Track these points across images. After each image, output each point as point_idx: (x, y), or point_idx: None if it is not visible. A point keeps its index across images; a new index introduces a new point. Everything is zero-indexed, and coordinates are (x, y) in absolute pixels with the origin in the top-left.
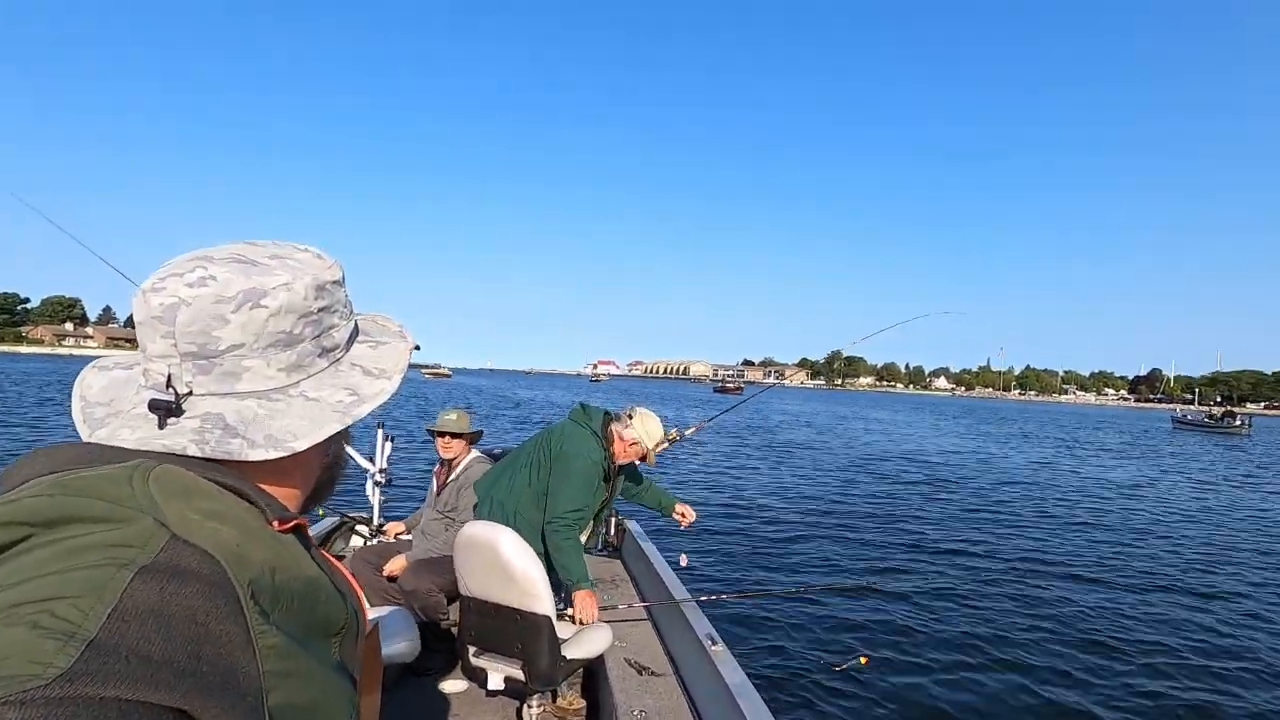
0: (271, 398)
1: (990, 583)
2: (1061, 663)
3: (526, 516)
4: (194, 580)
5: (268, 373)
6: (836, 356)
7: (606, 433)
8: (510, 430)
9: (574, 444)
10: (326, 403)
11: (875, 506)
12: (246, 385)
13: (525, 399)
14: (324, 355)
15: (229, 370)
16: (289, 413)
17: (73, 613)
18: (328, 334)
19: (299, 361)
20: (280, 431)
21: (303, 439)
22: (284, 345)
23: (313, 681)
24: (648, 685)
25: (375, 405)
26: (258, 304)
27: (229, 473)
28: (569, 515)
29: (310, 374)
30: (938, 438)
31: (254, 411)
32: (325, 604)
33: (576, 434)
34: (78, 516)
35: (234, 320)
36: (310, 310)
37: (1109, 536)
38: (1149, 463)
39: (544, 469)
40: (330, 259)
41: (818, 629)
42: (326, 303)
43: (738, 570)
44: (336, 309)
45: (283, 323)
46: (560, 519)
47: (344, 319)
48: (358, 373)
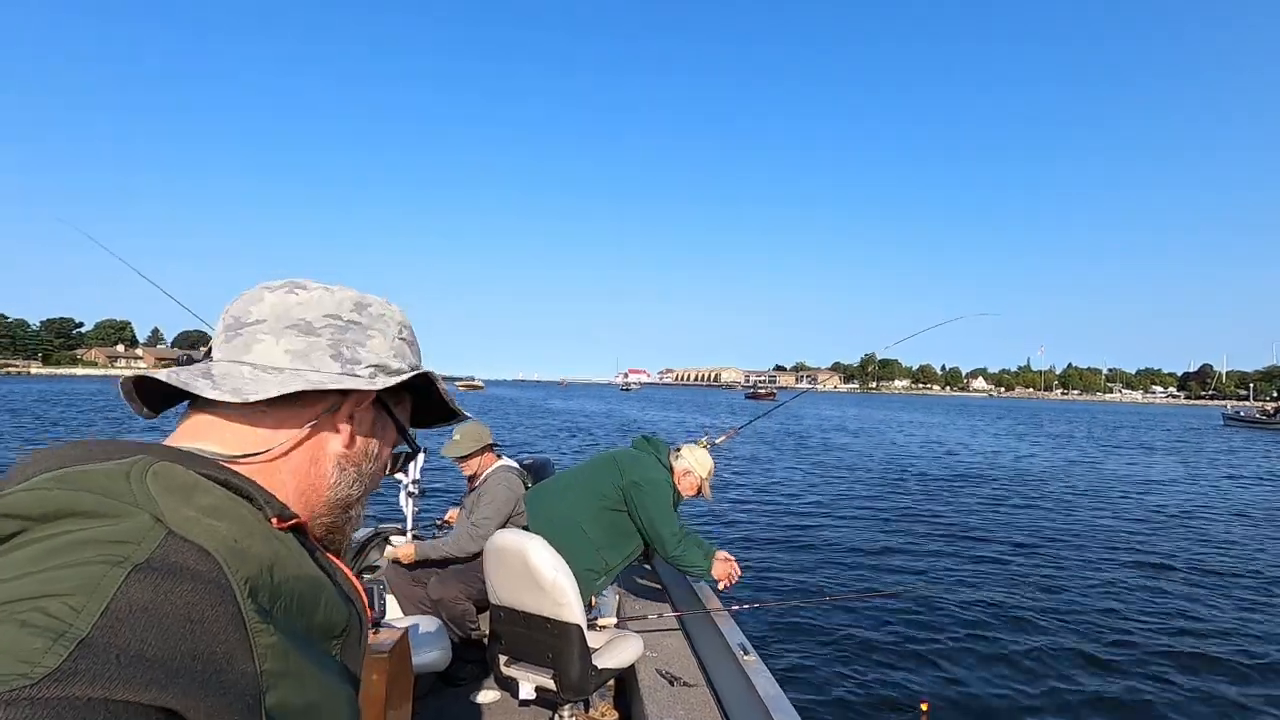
0: (266, 370)
1: (1028, 585)
2: (1129, 666)
3: (589, 534)
4: (190, 578)
5: (274, 352)
6: (870, 360)
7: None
8: (542, 439)
9: (644, 470)
10: (305, 377)
11: (911, 511)
12: (254, 356)
13: (558, 409)
14: (338, 360)
15: (246, 341)
16: (271, 380)
17: (64, 611)
18: (351, 345)
19: (307, 352)
20: (247, 388)
21: (262, 392)
22: (300, 332)
23: (311, 683)
24: (679, 696)
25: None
26: (293, 290)
27: (229, 470)
28: (674, 537)
29: (316, 368)
30: (973, 439)
31: (241, 373)
32: (326, 606)
33: (644, 460)
34: (73, 511)
35: (268, 299)
36: (339, 314)
37: (1149, 534)
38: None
39: (610, 495)
40: (398, 308)
41: (853, 638)
42: (362, 320)
43: (771, 578)
44: (375, 335)
45: (307, 312)
46: (667, 543)
47: (383, 350)
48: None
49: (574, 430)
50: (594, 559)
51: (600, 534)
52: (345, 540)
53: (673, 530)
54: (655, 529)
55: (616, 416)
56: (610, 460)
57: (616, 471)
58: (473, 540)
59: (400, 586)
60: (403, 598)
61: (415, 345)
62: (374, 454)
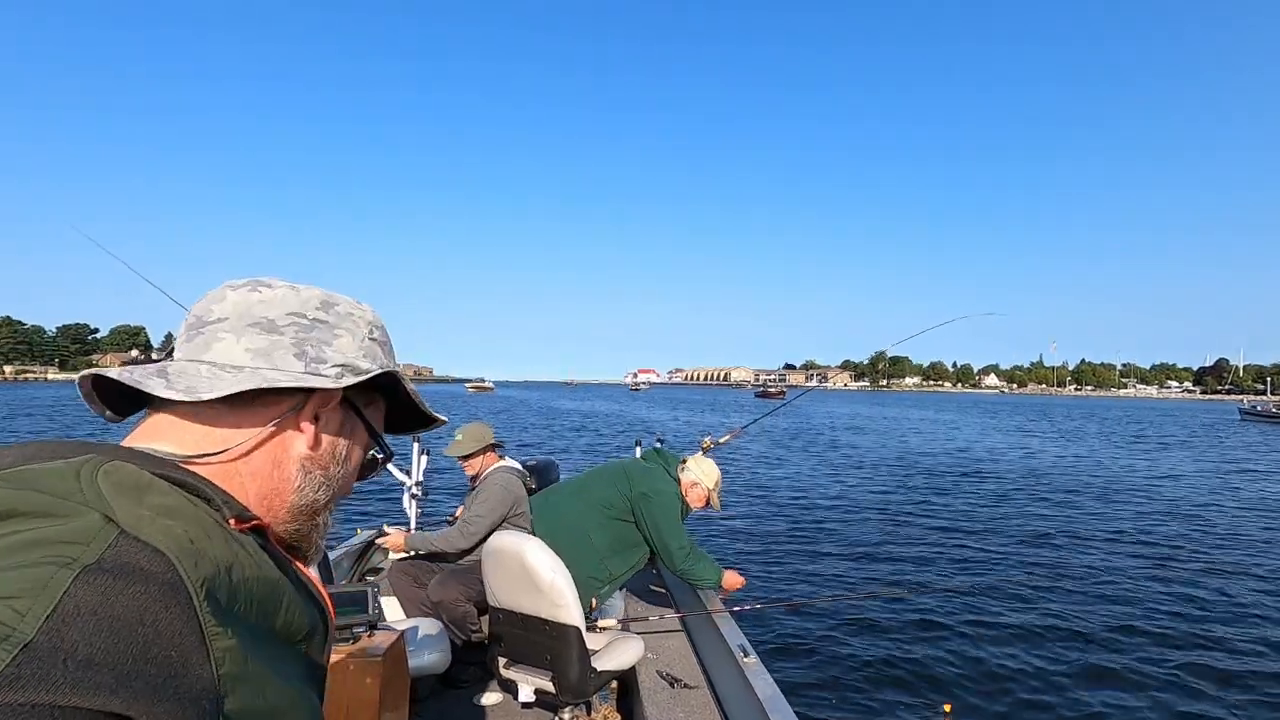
0: (224, 369)
1: (1038, 583)
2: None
3: (595, 542)
4: (142, 579)
5: (234, 350)
6: (880, 357)
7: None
8: (550, 439)
9: (653, 483)
10: (261, 375)
11: (918, 510)
12: (213, 354)
13: (567, 409)
14: (302, 359)
15: (206, 339)
16: (226, 378)
17: (8, 614)
18: (316, 344)
19: (269, 350)
20: (201, 386)
21: (216, 390)
22: (262, 330)
23: (272, 688)
24: (679, 698)
25: (300, 384)
26: (256, 288)
27: (185, 470)
28: (682, 550)
29: (276, 367)
30: (983, 436)
31: (197, 371)
32: (288, 609)
33: (653, 473)
34: (19, 510)
35: (230, 298)
36: (304, 313)
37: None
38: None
39: (618, 505)
40: (369, 308)
41: (856, 639)
42: (328, 319)
43: (775, 578)
44: (341, 334)
45: (269, 310)
46: (675, 556)
47: (350, 350)
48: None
49: (582, 430)
50: (598, 567)
51: (606, 543)
52: (311, 547)
53: (681, 544)
54: (663, 542)
55: (625, 416)
56: (620, 470)
57: (626, 482)
58: (463, 537)
59: (401, 588)
60: (404, 599)
61: (388, 346)
62: (342, 457)
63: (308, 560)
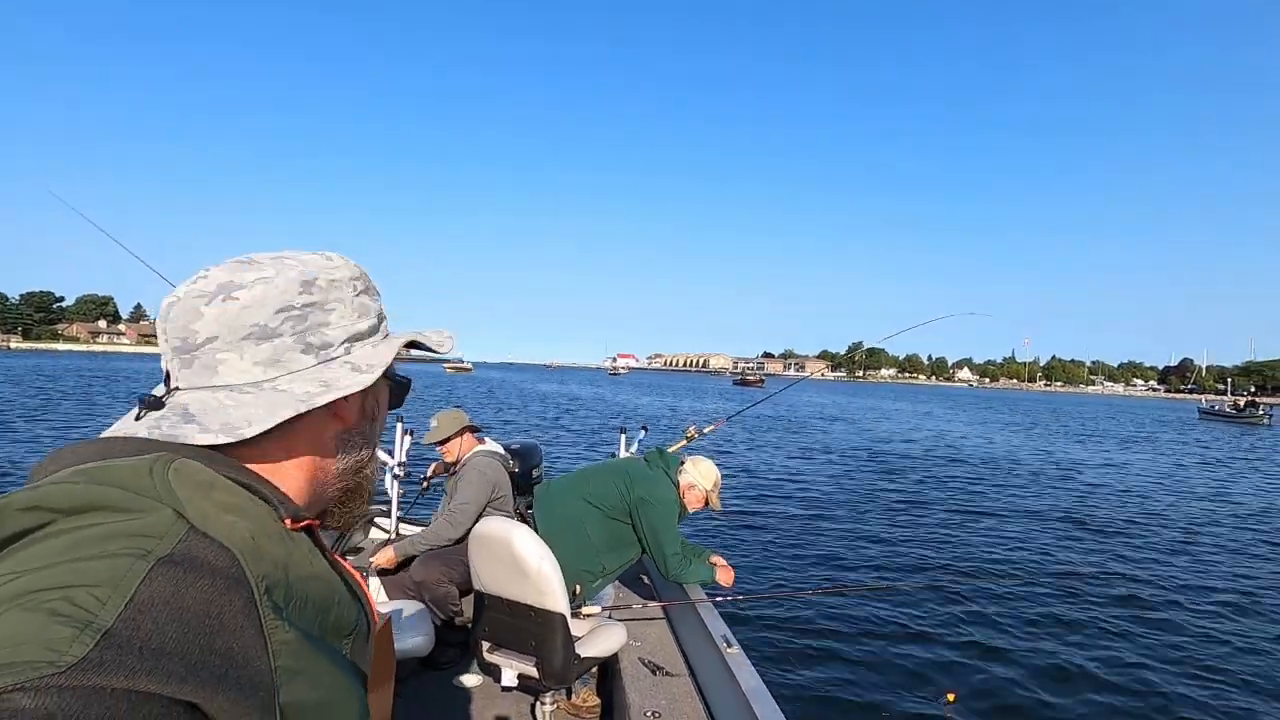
0: (244, 390)
1: (1003, 572)
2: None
3: (591, 537)
4: (210, 573)
5: (242, 366)
6: (857, 348)
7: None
8: (531, 424)
9: (653, 490)
10: (293, 393)
11: (898, 502)
12: (222, 378)
13: (546, 392)
14: (310, 352)
15: (206, 364)
16: (254, 404)
17: (90, 601)
18: (316, 330)
19: (276, 356)
20: (237, 419)
21: (256, 425)
22: (259, 339)
23: (324, 680)
24: (661, 685)
25: (338, 395)
26: (229, 296)
27: (244, 470)
28: (675, 557)
29: (291, 370)
30: (948, 425)
31: (220, 402)
32: (338, 605)
33: (654, 477)
34: (99, 505)
35: (207, 313)
36: (291, 305)
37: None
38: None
39: (616, 506)
40: (340, 259)
41: (842, 633)
42: (315, 299)
43: (757, 570)
44: (333, 307)
45: (256, 315)
46: (669, 562)
47: (348, 319)
48: (346, 369)
49: (565, 414)
50: (593, 561)
51: (602, 539)
52: (362, 504)
53: (675, 550)
54: (659, 548)
55: (607, 400)
56: (621, 470)
57: (625, 483)
58: (451, 527)
59: (384, 571)
60: (386, 581)
61: (373, 289)
62: (373, 411)
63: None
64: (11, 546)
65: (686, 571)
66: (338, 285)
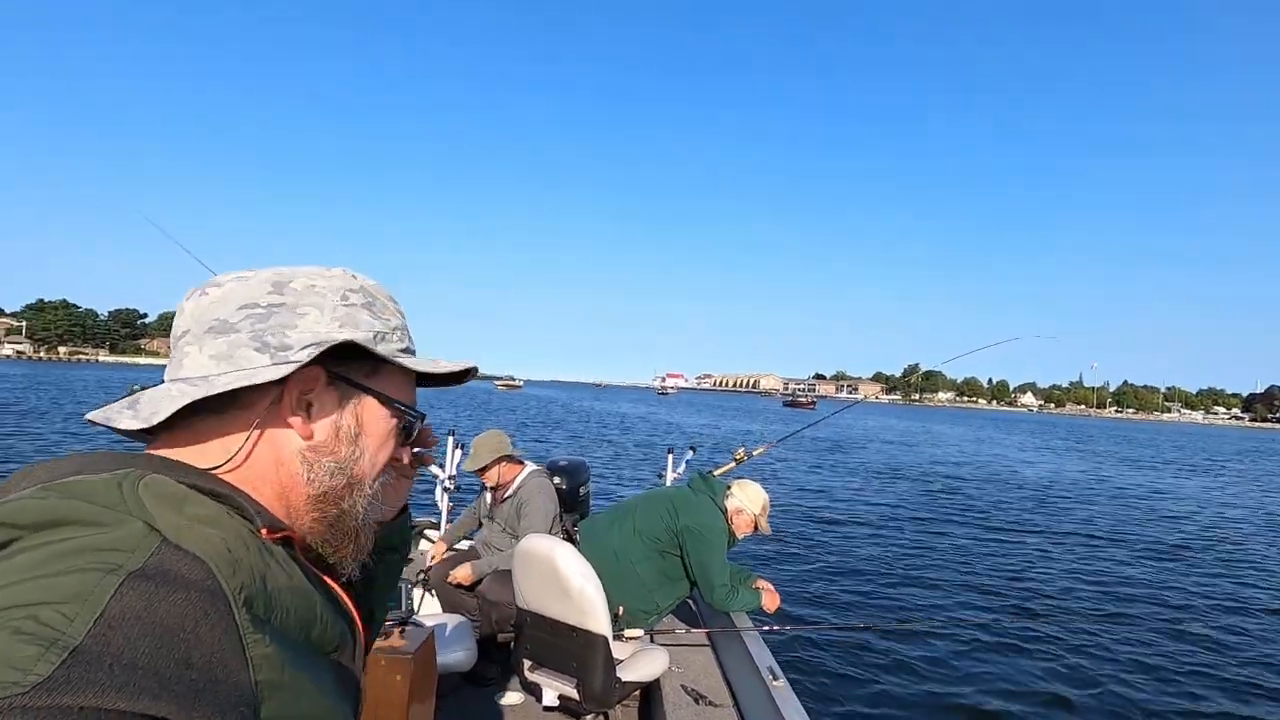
0: (193, 383)
1: (1098, 620)
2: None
3: (641, 575)
4: (184, 586)
5: (200, 359)
6: (914, 371)
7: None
8: (574, 441)
9: (700, 517)
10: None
11: (960, 537)
12: (185, 371)
13: (595, 410)
14: (264, 351)
15: (177, 357)
16: (184, 394)
17: (57, 619)
18: (277, 331)
19: (229, 352)
20: (154, 408)
21: (161, 412)
22: (217, 333)
23: (307, 697)
24: (704, 715)
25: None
26: (205, 291)
27: (218, 481)
28: (724, 588)
29: (240, 367)
30: (1021, 454)
31: (166, 392)
32: (320, 620)
33: (700, 505)
34: (67, 520)
35: (185, 308)
36: (255, 303)
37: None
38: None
39: (662, 539)
40: (341, 272)
41: (889, 673)
42: (285, 300)
43: (804, 599)
44: (306, 312)
45: (221, 310)
46: (717, 593)
47: (322, 326)
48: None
49: (614, 432)
50: (647, 600)
51: (652, 576)
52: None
53: (724, 581)
54: (707, 578)
55: (654, 420)
56: (665, 500)
57: (671, 514)
58: None
59: (436, 585)
60: (441, 598)
61: (376, 305)
62: (351, 436)
63: (343, 569)
64: None
65: (734, 601)
66: (318, 292)
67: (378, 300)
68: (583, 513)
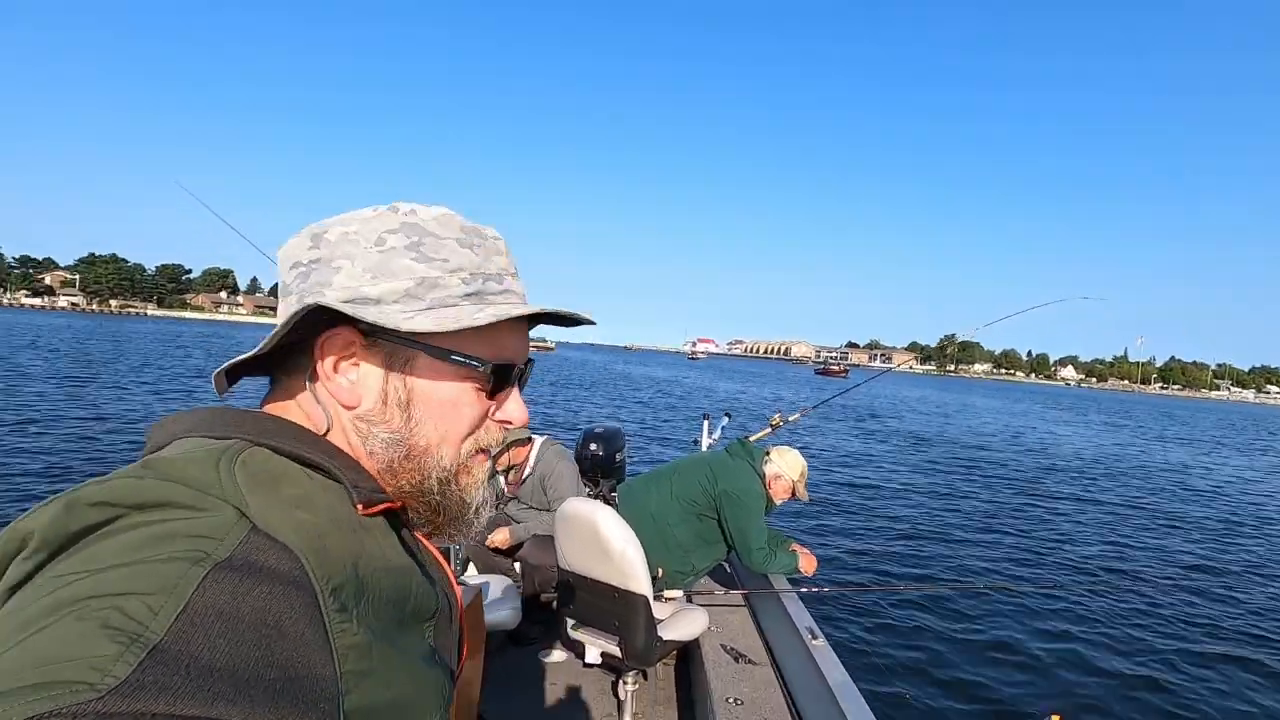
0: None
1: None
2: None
3: (679, 538)
4: (269, 578)
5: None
6: (950, 341)
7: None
8: (608, 404)
9: (738, 481)
10: None
11: (995, 501)
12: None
13: (627, 374)
14: None
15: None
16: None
17: (142, 611)
18: (315, 290)
19: (285, 313)
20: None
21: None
22: (283, 295)
23: (398, 677)
24: (743, 673)
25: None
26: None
27: (321, 444)
28: (761, 551)
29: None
30: (1061, 428)
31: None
32: (416, 594)
33: (738, 469)
34: (164, 501)
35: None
36: (299, 260)
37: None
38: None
39: (700, 501)
40: (386, 212)
41: (928, 630)
42: (321, 254)
43: (842, 561)
44: (340, 265)
45: (282, 271)
46: (755, 556)
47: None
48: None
49: (646, 396)
50: (683, 561)
51: (689, 538)
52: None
53: (760, 544)
54: (745, 542)
55: (686, 385)
56: (704, 464)
57: (709, 478)
58: None
59: (474, 547)
60: (476, 558)
61: (427, 245)
62: (401, 403)
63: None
64: (82, 541)
65: (772, 564)
66: (351, 240)
67: (431, 239)
68: (619, 479)
